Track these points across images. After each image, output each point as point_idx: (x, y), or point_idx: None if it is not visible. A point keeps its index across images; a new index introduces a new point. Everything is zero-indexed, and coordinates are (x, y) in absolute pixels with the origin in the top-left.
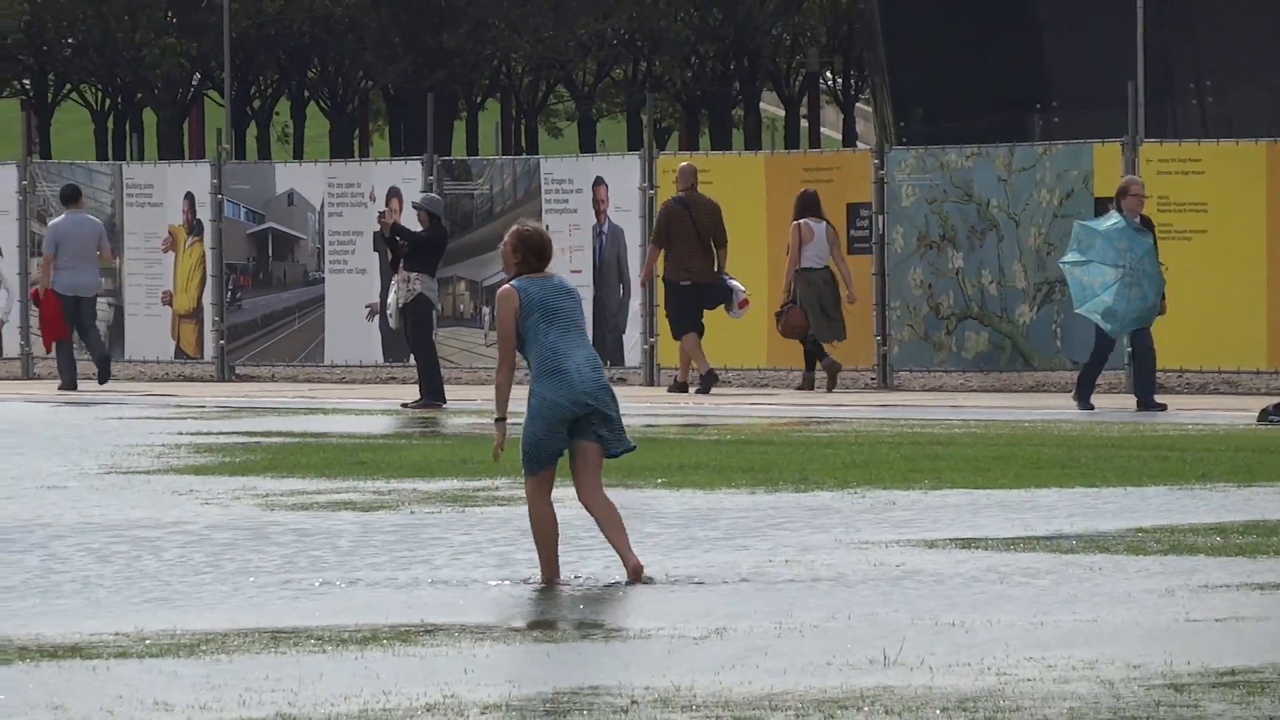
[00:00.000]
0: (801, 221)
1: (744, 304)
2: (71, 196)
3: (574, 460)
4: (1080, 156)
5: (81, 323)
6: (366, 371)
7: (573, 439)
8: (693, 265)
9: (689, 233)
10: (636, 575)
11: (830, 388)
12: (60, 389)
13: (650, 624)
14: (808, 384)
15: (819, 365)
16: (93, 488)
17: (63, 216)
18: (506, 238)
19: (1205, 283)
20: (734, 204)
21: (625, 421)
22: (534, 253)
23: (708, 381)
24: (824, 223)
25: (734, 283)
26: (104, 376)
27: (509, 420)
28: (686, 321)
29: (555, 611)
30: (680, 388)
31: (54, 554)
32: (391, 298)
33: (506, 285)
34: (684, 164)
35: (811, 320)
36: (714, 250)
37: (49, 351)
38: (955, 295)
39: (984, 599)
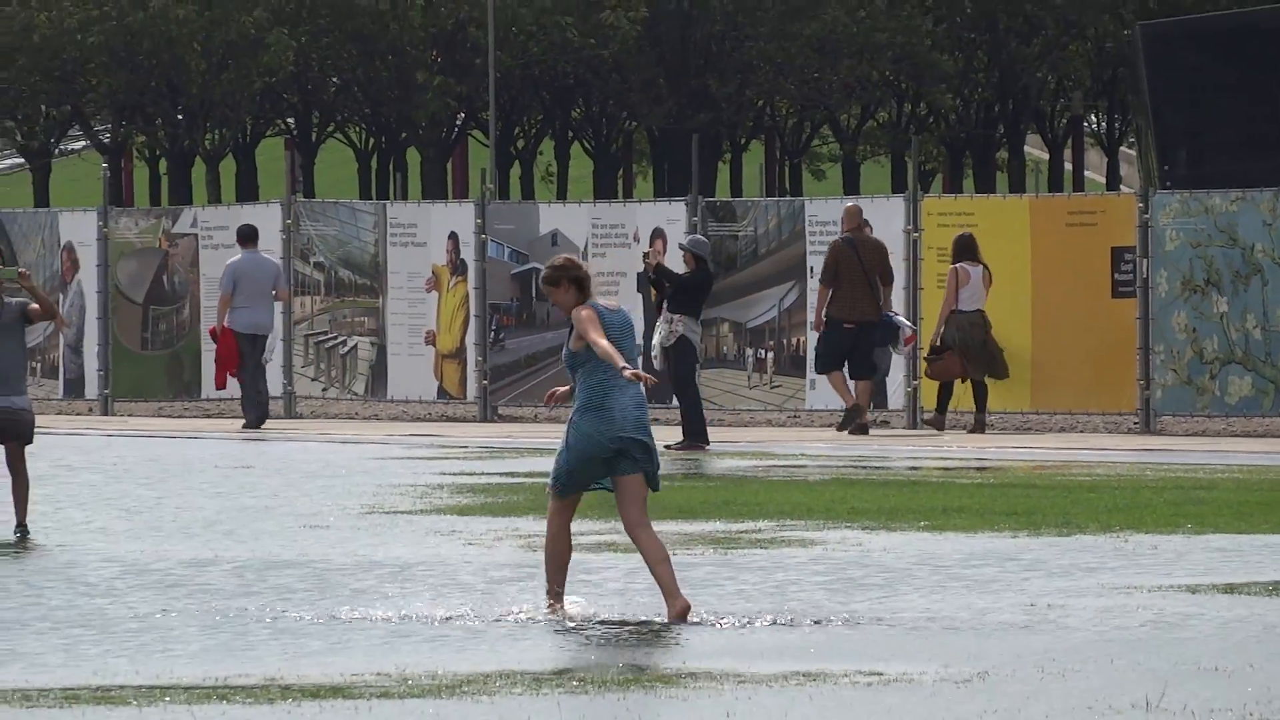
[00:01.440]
0: (959, 265)
1: (909, 340)
2: (249, 236)
3: (618, 495)
4: None
5: (255, 361)
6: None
7: (616, 475)
8: (860, 306)
9: (857, 273)
10: (682, 616)
11: (977, 429)
12: (245, 427)
13: (914, 667)
14: (937, 425)
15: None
16: (356, 527)
17: (240, 256)
18: (546, 272)
19: None
20: (998, 246)
21: (889, 463)
22: (585, 281)
23: (851, 416)
24: (980, 266)
25: (899, 319)
26: (258, 421)
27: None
28: (833, 360)
29: (819, 653)
30: (859, 428)
31: (315, 592)
32: (655, 338)
33: (585, 306)
34: (850, 205)
35: (968, 364)
36: (880, 289)
37: (220, 388)
38: (1219, 340)
39: (1247, 645)
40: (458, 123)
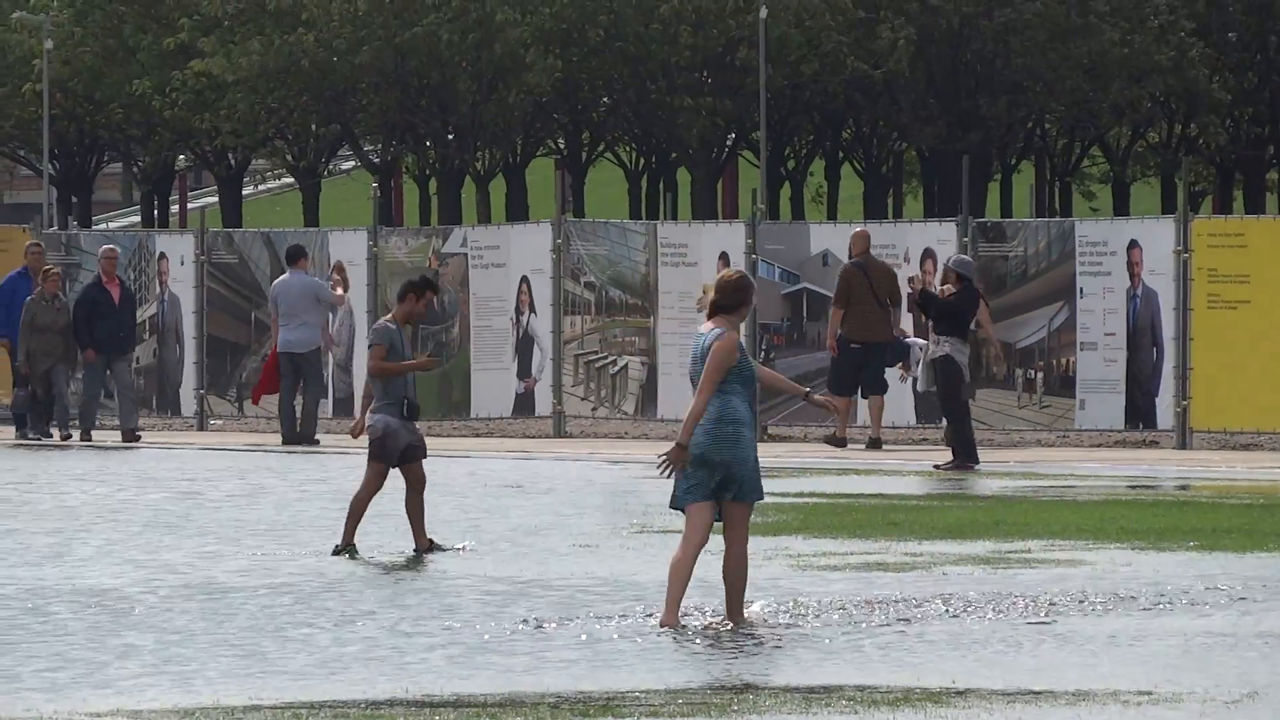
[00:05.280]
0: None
1: (920, 362)
2: (291, 257)
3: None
4: None
5: (304, 380)
6: (899, 433)
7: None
8: (869, 327)
9: (867, 295)
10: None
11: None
12: (283, 442)
13: (1183, 687)
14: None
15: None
16: (625, 547)
17: (283, 276)
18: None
19: None
20: (1268, 268)
21: (1159, 483)
22: (717, 294)
23: (836, 443)
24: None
25: (912, 340)
26: (294, 438)
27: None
28: (846, 382)
29: (1089, 672)
30: (874, 443)
31: (566, 611)
32: (923, 358)
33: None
34: (858, 230)
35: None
36: (890, 310)
37: (255, 404)
38: None
39: None
40: (728, 143)
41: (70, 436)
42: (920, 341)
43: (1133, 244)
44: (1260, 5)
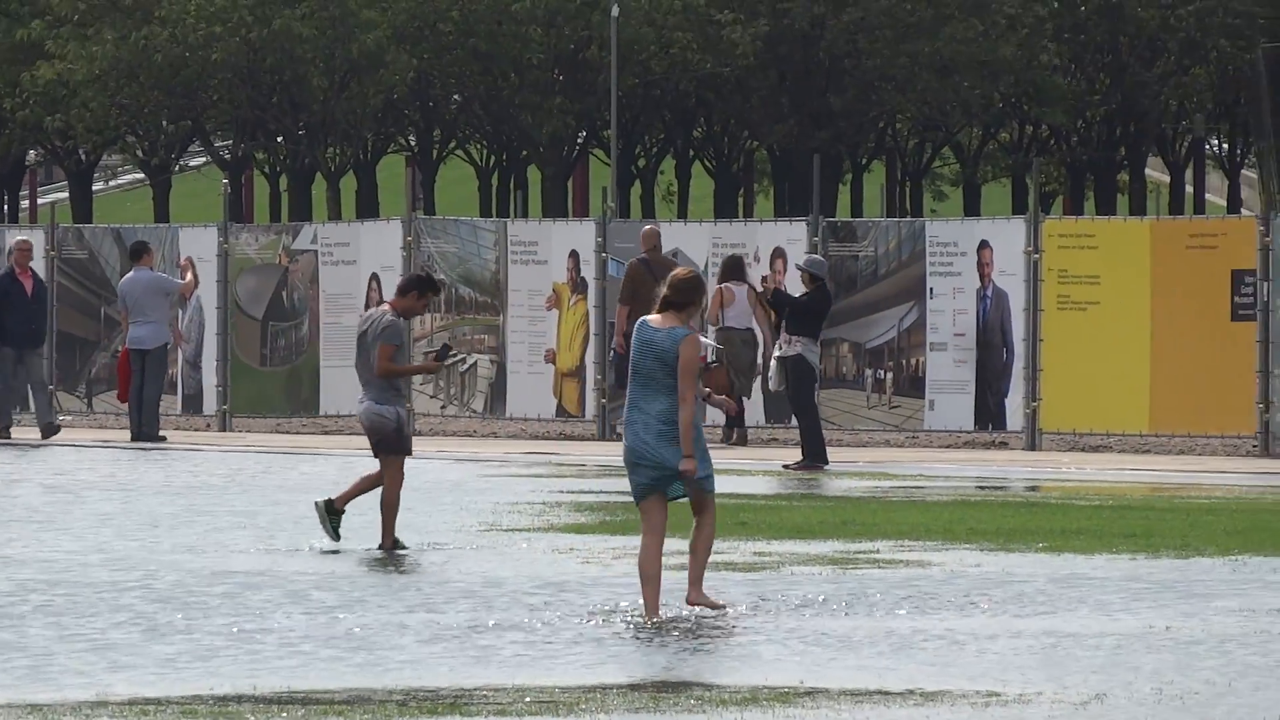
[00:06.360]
0: (724, 285)
1: (702, 359)
2: (134, 253)
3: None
4: None
5: (145, 376)
6: (749, 433)
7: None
8: None
9: (651, 293)
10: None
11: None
12: (131, 439)
13: (1030, 689)
14: (728, 438)
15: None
16: (474, 546)
17: (130, 274)
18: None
19: None
20: (1118, 268)
21: (1008, 485)
22: (670, 291)
23: None
24: (745, 286)
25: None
26: (139, 435)
27: None
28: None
29: (937, 673)
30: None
31: (422, 608)
32: (774, 359)
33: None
34: (647, 227)
35: (735, 377)
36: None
37: (121, 402)
38: None
39: None
40: (579, 141)
41: None
42: (710, 343)
43: (983, 244)
44: (1112, 7)
